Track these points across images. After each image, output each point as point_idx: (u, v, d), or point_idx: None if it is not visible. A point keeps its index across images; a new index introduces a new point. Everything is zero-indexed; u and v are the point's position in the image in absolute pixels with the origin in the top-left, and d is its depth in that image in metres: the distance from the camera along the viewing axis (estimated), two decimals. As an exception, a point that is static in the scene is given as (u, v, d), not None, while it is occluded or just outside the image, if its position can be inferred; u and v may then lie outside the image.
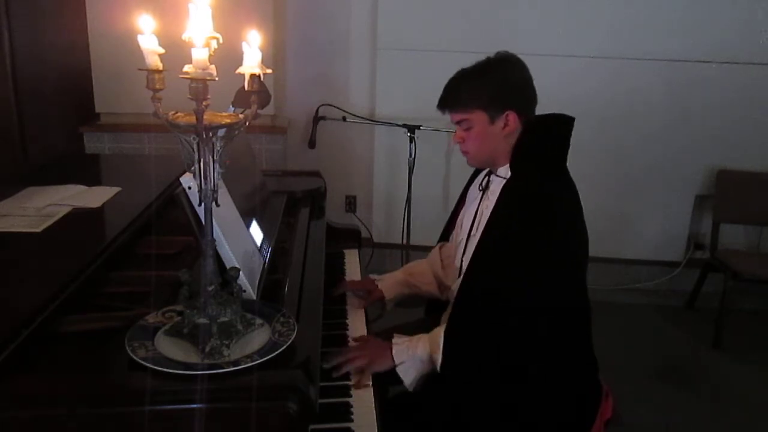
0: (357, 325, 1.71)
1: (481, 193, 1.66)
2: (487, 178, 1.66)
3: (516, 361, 1.45)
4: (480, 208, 1.64)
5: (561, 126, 1.55)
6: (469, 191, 1.78)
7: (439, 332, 1.49)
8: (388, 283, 1.88)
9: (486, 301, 1.46)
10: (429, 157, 3.56)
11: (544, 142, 1.55)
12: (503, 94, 1.53)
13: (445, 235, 1.92)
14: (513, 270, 1.44)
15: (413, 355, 1.49)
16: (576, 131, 1.56)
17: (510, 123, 1.53)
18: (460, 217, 1.79)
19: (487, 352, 1.46)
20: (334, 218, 2.33)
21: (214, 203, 1.07)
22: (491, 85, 1.53)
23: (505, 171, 1.57)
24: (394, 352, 1.49)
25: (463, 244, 1.66)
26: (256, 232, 1.54)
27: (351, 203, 3.92)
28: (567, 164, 1.56)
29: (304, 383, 1.04)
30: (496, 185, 1.58)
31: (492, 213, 1.52)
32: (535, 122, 1.56)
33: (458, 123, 1.58)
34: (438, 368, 1.46)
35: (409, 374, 1.49)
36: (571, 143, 1.56)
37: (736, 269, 3.21)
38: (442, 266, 1.89)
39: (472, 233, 1.64)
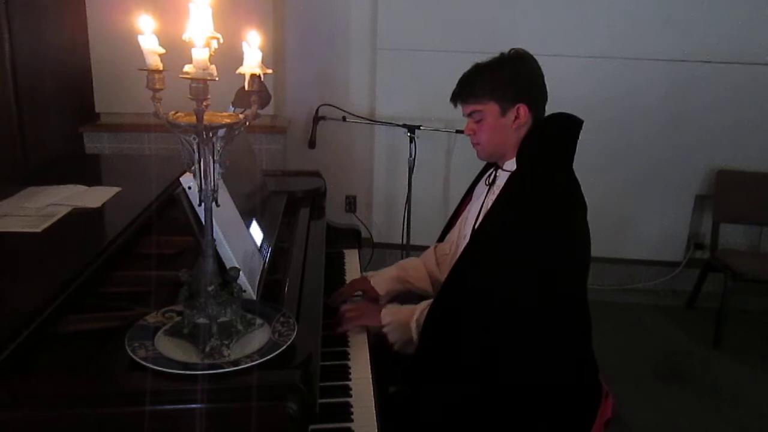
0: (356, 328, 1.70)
1: (488, 188, 1.67)
2: (494, 173, 1.67)
3: (514, 360, 1.45)
4: (485, 202, 1.65)
5: (570, 126, 1.56)
6: (476, 188, 1.78)
7: (425, 308, 1.54)
8: (381, 279, 1.87)
9: (476, 292, 1.47)
10: (429, 157, 3.56)
11: (553, 139, 1.57)
12: (515, 87, 1.55)
13: (444, 236, 1.92)
14: (511, 264, 1.45)
15: (398, 320, 1.61)
16: (577, 131, 1.56)
17: (521, 116, 1.55)
18: (464, 212, 1.79)
19: (468, 339, 1.47)
20: (334, 218, 2.33)
21: (214, 203, 1.07)
22: (504, 77, 1.55)
23: (511, 165, 1.59)
24: (382, 313, 1.62)
25: (467, 239, 1.66)
26: (256, 232, 1.54)
27: (351, 203, 3.92)
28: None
29: (304, 383, 1.04)
30: (503, 179, 1.59)
31: (493, 204, 1.54)
32: (545, 119, 1.58)
33: (470, 115, 1.60)
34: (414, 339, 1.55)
35: (393, 336, 1.62)
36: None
37: (736, 269, 3.21)
38: (437, 263, 1.89)
39: (476, 227, 1.64)
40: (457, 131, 3.36)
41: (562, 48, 3.42)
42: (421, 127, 3.36)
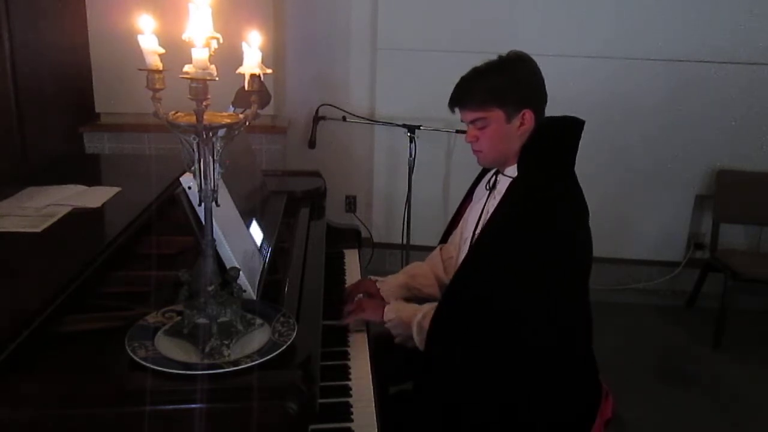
0: (357, 323, 1.70)
1: (488, 192, 1.66)
2: (494, 177, 1.65)
3: (515, 361, 1.45)
4: (486, 206, 1.64)
5: (571, 128, 1.54)
6: (476, 190, 1.77)
7: (429, 310, 1.55)
8: (389, 287, 1.85)
9: (478, 298, 1.46)
10: (429, 157, 3.56)
11: (554, 144, 1.54)
12: (521, 92, 1.52)
13: (446, 237, 1.91)
14: (513, 270, 1.44)
15: (400, 317, 1.63)
16: (577, 131, 1.56)
17: (526, 121, 1.52)
18: (465, 215, 1.78)
19: (472, 344, 1.47)
20: (334, 218, 2.33)
21: (214, 203, 1.07)
22: (507, 82, 1.52)
23: (513, 170, 1.57)
24: (386, 309, 1.65)
25: (468, 242, 1.66)
26: (256, 232, 1.54)
27: (351, 203, 3.93)
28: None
29: (304, 383, 1.04)
30: (503, 184, 1.57)
31: (495, 210, 1.52)
32: (545, 123, 1.55)
33: (472, 122, 1.55)
34: (418, 345, 1.56)
35: (395, 330, 1.65)
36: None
37: (736, 269, 3.21)
38: (444, 267, 1.88)
39: (477, 231, 1.63)
40: (458, 131, 3.36)
41: (562, 48, 3.42)
42: (421, 127, 3.36)
